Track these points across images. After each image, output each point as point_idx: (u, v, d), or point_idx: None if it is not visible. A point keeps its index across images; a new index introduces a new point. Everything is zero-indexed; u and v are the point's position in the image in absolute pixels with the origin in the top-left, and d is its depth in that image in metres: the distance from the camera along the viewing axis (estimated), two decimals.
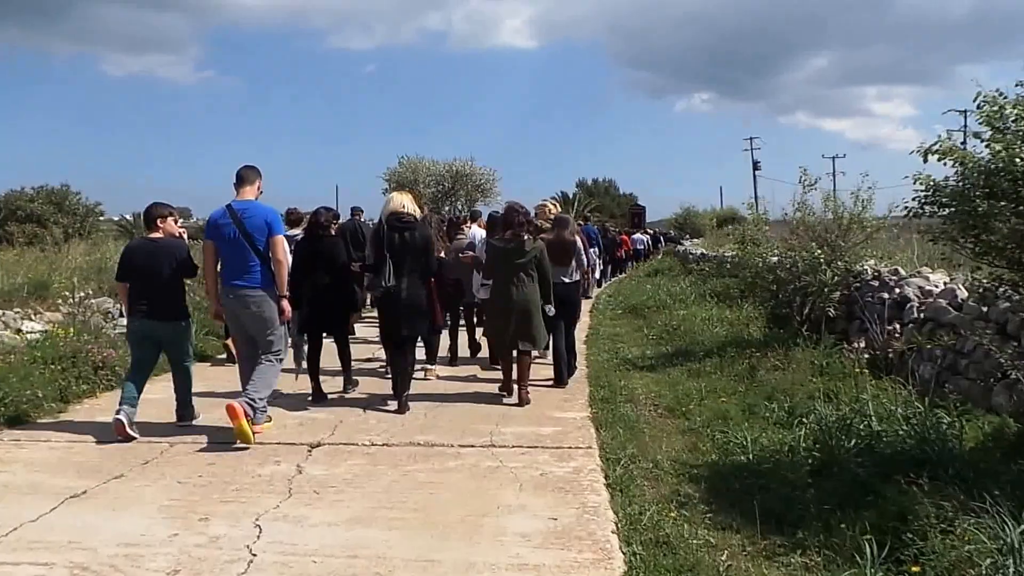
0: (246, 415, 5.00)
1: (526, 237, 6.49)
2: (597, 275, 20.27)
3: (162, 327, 5.50)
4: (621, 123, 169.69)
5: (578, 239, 7.59)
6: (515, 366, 6.51)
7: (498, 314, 6.53)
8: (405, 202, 6.27)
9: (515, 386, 6.46)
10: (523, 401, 6.36)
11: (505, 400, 6.57)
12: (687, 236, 39.49)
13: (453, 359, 8.43)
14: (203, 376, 6.94)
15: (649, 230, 38.18)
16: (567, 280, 7.24)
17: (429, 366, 7.57)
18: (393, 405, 6.22)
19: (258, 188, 5.49)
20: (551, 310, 6.58)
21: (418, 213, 6.41)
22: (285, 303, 5.40)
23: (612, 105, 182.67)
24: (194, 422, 5.68)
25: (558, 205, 10.88)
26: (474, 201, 27.89)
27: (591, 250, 11.93)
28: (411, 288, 6.12)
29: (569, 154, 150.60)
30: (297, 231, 7.66)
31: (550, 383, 7.21)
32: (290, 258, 5.65)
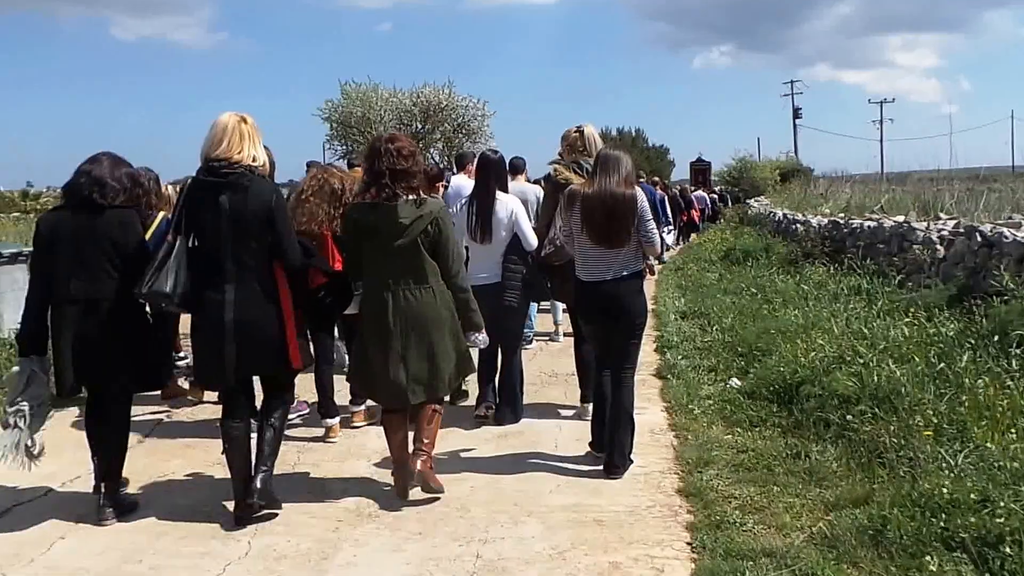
0: None
1: (406, 197, 3.71)
2: (666, 253, 14.73)
3: None
4: (643, 77, 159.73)
5: (641, 193, 4.15)
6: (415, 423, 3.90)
7: (369, 341, 3.82)
8: (233, 138, 3.54)
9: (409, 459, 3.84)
10: (427, 485, 3.81)
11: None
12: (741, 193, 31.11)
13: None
14: None
15: (715, 189, 29.71)
16: (621, 273, 4.13)
17: (330, 420, 4.86)
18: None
19: None
20: (480, 340, 3.97)
21: (260, 159, 3.62)
22: None
23: (632, 59, 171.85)
24: None
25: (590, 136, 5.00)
26: (458, 147, 19.33)
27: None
28: (246, 299, 3.53)
29: (589, 110, 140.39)
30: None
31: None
32: None
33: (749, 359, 5.84)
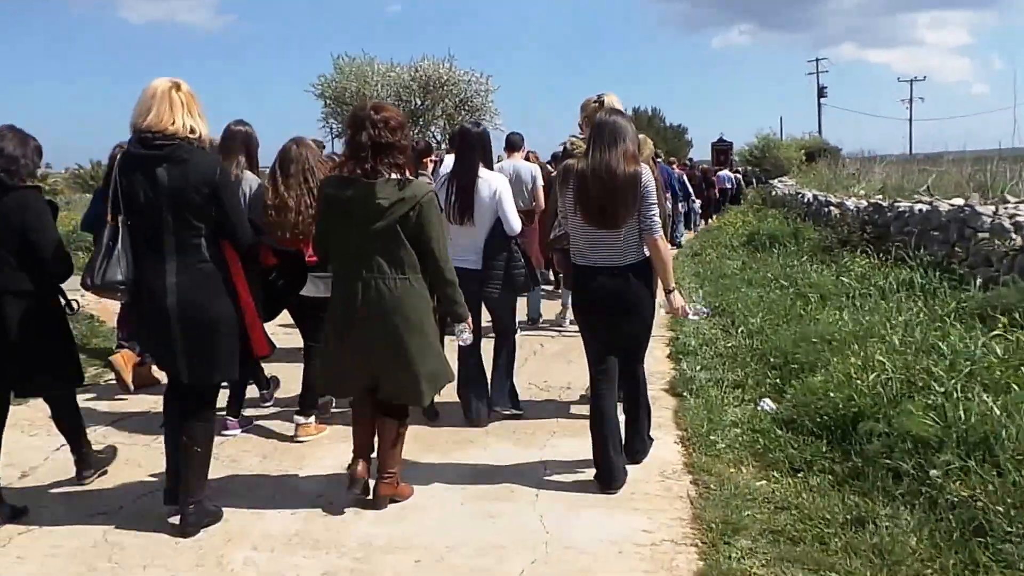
0: None
1: (388, 176, 3.27)
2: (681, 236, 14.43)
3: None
4: (660, 57, 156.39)
5: (647, 171, 3.64)
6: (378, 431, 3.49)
7: (336, 334, 3.42)
8: (162, 106, 3.13)
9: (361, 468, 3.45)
10: (381, 500, 3.44)
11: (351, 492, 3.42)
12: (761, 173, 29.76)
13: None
14: None
15: (738, 168, 28.55)
16: (623, 261, 3.64)
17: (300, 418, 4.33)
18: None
19: None
20: (466, 336, 3.61)
21: (199, 131, 3.22)
22: None
23: (649, 39, 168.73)
24: None
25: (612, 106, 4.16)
26: (459, 122, 18.12)
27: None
28: (191, 282, 3.17)
29: (604, 88, 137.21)
30: None
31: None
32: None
33: (785, 374, 4.70)
